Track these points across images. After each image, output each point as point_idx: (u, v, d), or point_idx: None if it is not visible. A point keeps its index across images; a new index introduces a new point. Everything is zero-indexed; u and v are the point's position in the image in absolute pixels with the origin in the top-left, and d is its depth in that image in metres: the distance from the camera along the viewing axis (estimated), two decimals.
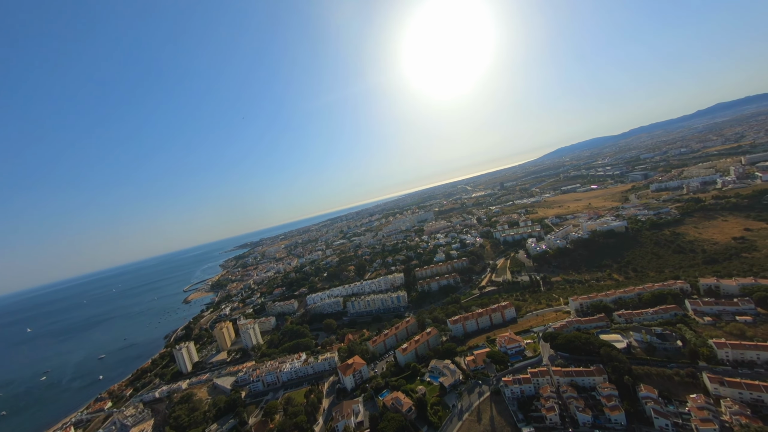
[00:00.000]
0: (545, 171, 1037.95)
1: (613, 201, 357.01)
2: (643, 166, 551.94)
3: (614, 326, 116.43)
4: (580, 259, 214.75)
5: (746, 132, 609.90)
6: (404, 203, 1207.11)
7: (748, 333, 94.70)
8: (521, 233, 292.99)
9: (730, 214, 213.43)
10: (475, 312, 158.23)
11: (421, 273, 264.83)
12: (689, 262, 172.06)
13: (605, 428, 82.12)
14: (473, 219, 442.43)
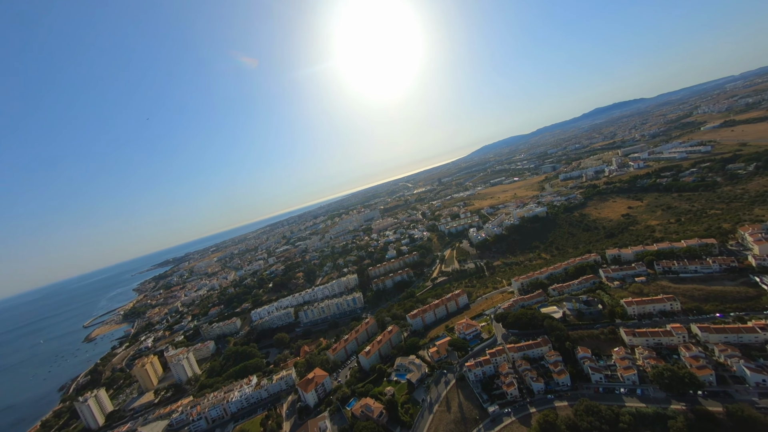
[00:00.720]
0: (475, 167, 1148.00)
1: (533, 190, 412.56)
2: (551, 160, 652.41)
3: (550, 299, 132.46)
4: (514, 243, 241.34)
5: (617, 131, 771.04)
6: (349, 203, 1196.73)
7: (644, 290, 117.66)
8: (463, 224, 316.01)
9: (617, 196, 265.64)
10: (432, 303, 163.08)
11: (375, 272, 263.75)
12: (595, 237, 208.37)
13: (555, 392, 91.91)
14: (418, 214, 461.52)
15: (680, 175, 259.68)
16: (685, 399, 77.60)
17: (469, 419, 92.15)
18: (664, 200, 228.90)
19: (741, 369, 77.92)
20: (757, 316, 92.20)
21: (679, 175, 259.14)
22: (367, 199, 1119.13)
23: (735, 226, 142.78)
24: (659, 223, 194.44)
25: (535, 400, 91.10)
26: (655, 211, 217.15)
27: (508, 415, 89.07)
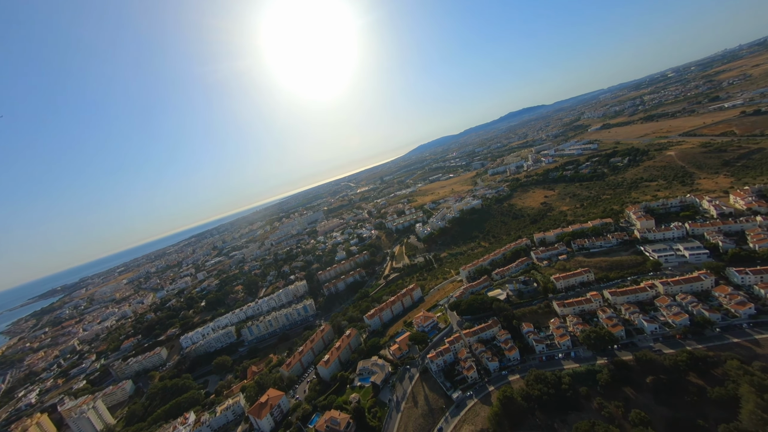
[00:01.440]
0: (413, 165, 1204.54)
1: (467, 185, 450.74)
2: (479, 158, 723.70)
3: (495, 283, 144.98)
4: (457, 235, 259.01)
5: (528, 132, 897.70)
6: (288, 206, 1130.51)
7: (567, 266, 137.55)
8: (409, 220, 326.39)
9: (535, 187, 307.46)
10: (388, 301, 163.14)
11: (325, 276, 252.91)
12: (523, 224, 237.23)
13: (508, 367, 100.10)
14: (364, 213, 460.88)
15: (579, 168, 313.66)
16: (606, 354, 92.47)
17: (436, 409, 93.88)
18: (570, 189, 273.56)
19: (641, 322, 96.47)
20: (645, 278, 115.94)
21: (578, 168, 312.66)
22: (309, 200, 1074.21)
23: (622, 207, 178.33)
24: (569, 209, 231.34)
25: (493, 378, 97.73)
26: (564, 199, 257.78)
27: (471, 397, 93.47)
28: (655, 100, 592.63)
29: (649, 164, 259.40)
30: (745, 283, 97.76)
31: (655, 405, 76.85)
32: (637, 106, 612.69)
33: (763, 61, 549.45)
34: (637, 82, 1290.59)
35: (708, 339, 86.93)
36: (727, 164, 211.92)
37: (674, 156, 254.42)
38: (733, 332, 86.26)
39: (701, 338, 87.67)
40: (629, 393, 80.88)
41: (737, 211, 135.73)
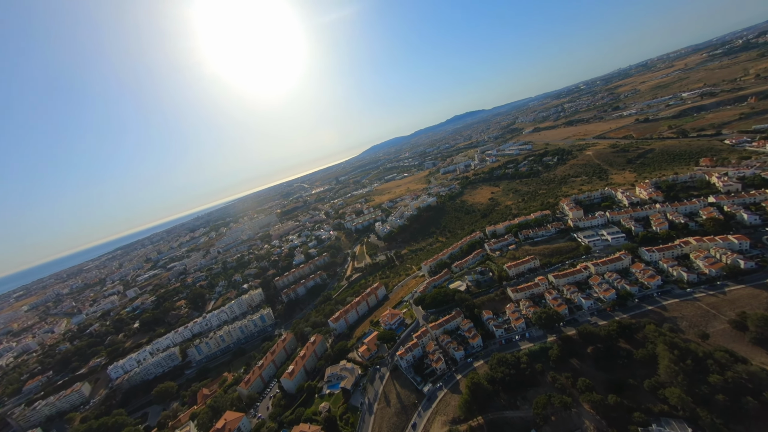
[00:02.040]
0: (368, 165, 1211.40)
1: (421, 184, 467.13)
2: (430, 158, 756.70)
3: (455, 276, 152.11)
4: (416, 231, 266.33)
5: (472, 134, 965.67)
6: (236, 210, 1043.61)
7: (516, 255, 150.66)
8: (368, 219, 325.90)
9: (483, 185, 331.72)
10: (353, 302, 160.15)
11: (283, 281, 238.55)
12: (475, 219, 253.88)
13: (473, 355, 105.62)
14: (321, 214, 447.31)
15: (518, 166, 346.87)
16: (554, 331, 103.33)
17: (409, 406, 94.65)
18: (512, 185, 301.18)
19: (579, 300, 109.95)
20: (580, 261, 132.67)
21: (517, 167, 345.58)
22: (260, 203, 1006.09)
23: (557, 200, 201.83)
24: (513, 203, 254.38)
25: (459, 367, 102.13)
26: (508, 194, 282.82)
27: (441, 388, 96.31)
28: (573, 108, 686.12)
29: (574, 162, 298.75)
30: (653, 259, 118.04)
31: (596, 371, 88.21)
32: (559, 112, 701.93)
33: (647, 78, 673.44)
34: (558, 92, 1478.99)
35: (630, 309, 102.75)
36: (630, 162, 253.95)
37: (592, 155, 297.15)
38: (648, 301, 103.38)
39: (625, 309, 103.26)
40: (575, 364, 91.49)
41: (642, 200, 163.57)
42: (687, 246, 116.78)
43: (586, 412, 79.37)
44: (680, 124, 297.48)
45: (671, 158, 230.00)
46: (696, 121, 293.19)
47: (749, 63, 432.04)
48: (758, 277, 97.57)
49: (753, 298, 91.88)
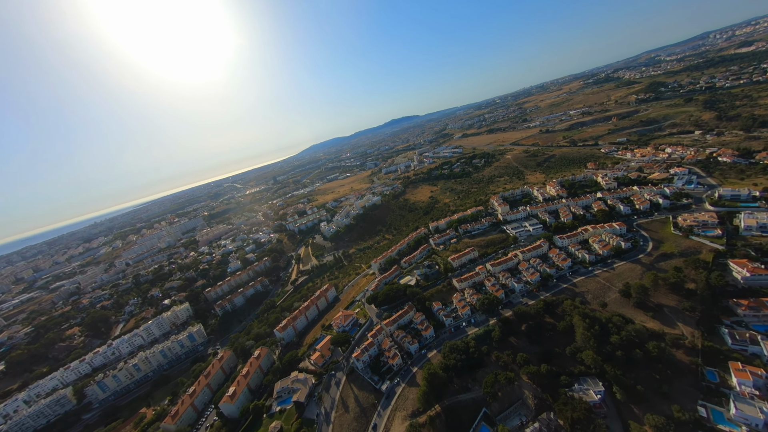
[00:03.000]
0: (308, 164, 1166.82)
1: (365, 183, 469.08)
2: (372, 158, 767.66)
3: (404, 271, 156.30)
4: (362, 230, 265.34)
5: (409, 137, 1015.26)
6: (150, 213, 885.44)
7: (458, 248, 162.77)
8: (312, 220, 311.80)
9: (423, 184, 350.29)
10: (302, 307, 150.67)
11: (216, 292, 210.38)
12: (418, 216, 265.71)
13: (426, 346, 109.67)
14: (258, 216, 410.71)
15: (452, 167, 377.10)
16: (495, 314, 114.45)
17: (368, 407, 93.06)
18: (449, 185, 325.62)
19: (512, 284, 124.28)
20: (510, 250, 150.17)
21: (452, 168, 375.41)
22: (181, 206, 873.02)
23: (487, 197, 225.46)
24: (450, 200, 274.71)
25: (415, 359, 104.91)
26: (446, 193, 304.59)
27: (398, 384, 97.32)
28: (492, 118, 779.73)
29: (497, 165, 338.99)
30: (563, 245, 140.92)
31: (530, 345, 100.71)
32: (481, 122, 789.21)
33: (545, 98, 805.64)
34: (479, 104, 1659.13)
35: (551, 288, 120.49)
36: (539, 165, 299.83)
37: (511, 159, 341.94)
38: (563, 280, 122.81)
39: (547, 288, 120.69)
40: (513, 341, 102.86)
41: (552, 196, 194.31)
42: (586, 233, 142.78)
43: (525, 383, 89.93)
44: (571, 135, 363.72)
45: (568, 162, 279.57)
46: (581, 134, 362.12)
47: (610, 92, 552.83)
48: (634, 254, 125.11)
49: (632, 271, 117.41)
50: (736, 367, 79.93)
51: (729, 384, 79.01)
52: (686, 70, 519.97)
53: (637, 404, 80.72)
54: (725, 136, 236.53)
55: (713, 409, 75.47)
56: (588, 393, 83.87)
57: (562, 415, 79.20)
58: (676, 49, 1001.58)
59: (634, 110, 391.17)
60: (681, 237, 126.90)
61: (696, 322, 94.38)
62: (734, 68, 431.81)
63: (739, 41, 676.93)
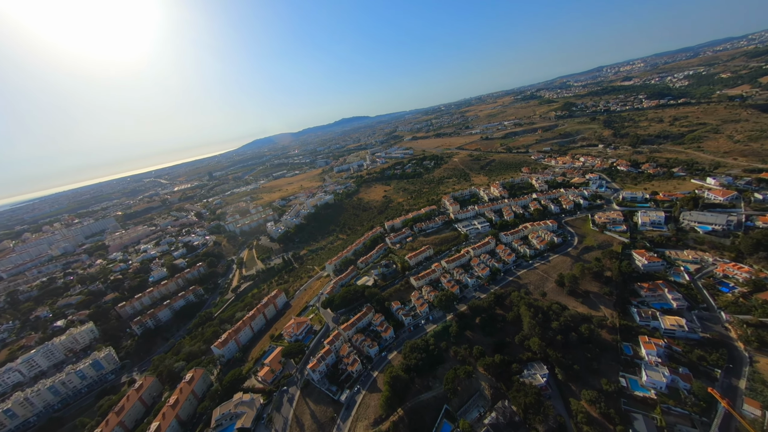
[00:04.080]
0: (251, 160, 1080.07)
1: (315, 181, 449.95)
2: (323, 156, 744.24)
3: (361, 272, 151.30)
4: (314, 230, 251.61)
5: (360, 137, 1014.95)
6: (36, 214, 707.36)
7: (414, 246, 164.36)
8: (257, 220, 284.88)
9: (376, 183, 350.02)
10: (245, 317, 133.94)
11: (132, 307, 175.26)
12: (372, 215, 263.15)
13: (387, 348, 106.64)
14: (191, 215, 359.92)
15: (405, 168, 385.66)
16: (451, 310, 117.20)
17: (326, 422, 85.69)
18: (401, 184, 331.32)
19: (466, 280, 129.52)
20: (462, 247, 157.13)
21: (404, 168, 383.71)
22: (84, 204, 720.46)
23: (439, 197, 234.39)
24: (404, 200, 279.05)
25: (375, 363, 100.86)
26: (399, 192, 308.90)
27: (359, 392, 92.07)
28: (438, 123, 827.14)
29: (446, 167, 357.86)
30: (507, 241, 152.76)
31: (484, 337, 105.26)
32: (429, 126, 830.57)
33: (483, 109, 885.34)
34: (426, 110, 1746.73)
35: (499, 281, 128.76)
36: (482, 168, 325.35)
37: (457, 161, 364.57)
38: (509, 274, 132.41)
39: (496, 282, 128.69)
40: (469, 335, 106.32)
41: (496, 196, 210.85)
42: (526, 229, 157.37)
43: (481, 374, 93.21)
44: (507, 143, 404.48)
45: (506, 166, 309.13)
46: (514, 142, 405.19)
47: (535, 107, 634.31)
48: (564, 248, 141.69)
49: (564, 263, 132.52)
50: (644, 340, 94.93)
51: (640, 355, 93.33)
52: (589, 95, 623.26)
53: (574, 382, 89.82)
54: (620, 150, 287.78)
55: (630, 379, 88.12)
56: (535, 377, 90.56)
57: (516, 401, 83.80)
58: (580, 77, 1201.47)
59: (554, 124, 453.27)
60: (598, 232, 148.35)
61: (613, 305, 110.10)
62: (621, 96, 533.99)
63: (623, 76, 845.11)
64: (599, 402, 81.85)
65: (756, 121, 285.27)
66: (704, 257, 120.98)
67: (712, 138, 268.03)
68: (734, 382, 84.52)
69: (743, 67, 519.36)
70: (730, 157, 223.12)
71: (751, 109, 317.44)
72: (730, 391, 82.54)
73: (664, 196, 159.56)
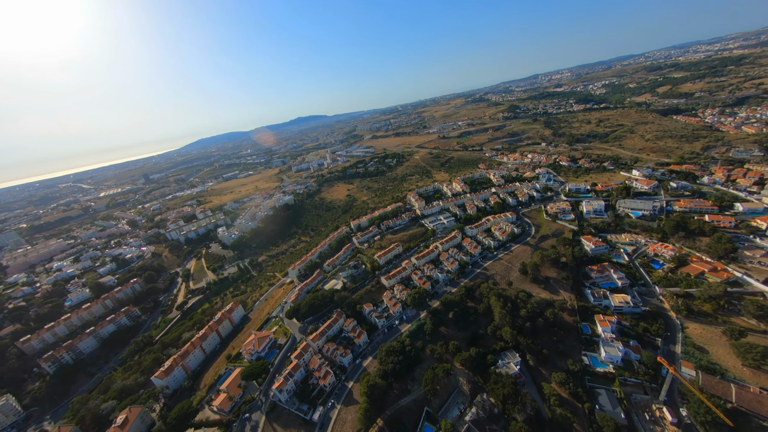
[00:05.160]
0: (196, 161, 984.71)
1: (273, 182, 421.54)
2: (279, 156, 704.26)
3: (328, 275, 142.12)
4: (274, 234, 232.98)
5: (319, 136, 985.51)
6: None
7: (383, 244, 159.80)
8: (205, 225, 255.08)
9: (338, 182, 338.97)
10: (195, 338, 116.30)
11: (41, 340, 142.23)
12: (337, 215, 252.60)
13: (361, 354, 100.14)
14: (122, 224, 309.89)
15: (367, 166, 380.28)
16: (424, 307, 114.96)
17: None
18: (365, 183, 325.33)
19: (437, 275, 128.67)
20: (431, 242, 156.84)
21: (366, 166, 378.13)
22: None
23: (404, 194, 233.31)
24: (368, 198, 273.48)
25: (349, 373, 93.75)
26: (363, 191, 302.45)
27: (334, 406, 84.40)
28: (397, 123, 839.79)
29: (408, 164, 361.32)
30: (473, 234, 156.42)
31: (458, 332, 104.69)
32: (388, 126, 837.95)
33: (438, 110, 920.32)
34: (384, 110, 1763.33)
35: (468, 274, 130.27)
36: (443, 165, 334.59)
37: (419, 159, 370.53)
38: (476, 266, 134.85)
39: (465, 275, 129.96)
40: (444, 331, 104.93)
41: (458, 192, 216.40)
42: (488, 222, 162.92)
43: (459, 370, 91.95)
44: (463, 142, 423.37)
45: (464, 163, 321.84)
46: (469, 141, 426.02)
47: (485, 109, 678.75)
48: (524, 238, 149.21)
49: (524, 252, 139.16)
50: (600, 319, 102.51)
51: (597, 333, 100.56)
52: (530, 99, 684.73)
53: (544, 366, 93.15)
54: (560, 147, 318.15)
55: (591, 356, 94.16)
56: (509, 366, 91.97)
57: (494, 393, 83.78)
58: (521, 83, 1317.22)
59: (502, 125, 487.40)
60: (551, 221, 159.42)
61: (570, 288, 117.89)
62: (555, 101, 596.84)
63: (555, 83, 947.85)
64: (568, 383, 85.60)
65: (659, 124, 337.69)
66: (638, 239, 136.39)
67: (629, 137, 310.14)
68: (672, 348, 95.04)
69: (644, 79, 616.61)
70: (644, 153, 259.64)
71: (654, 113, 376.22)
72: (669, 357, 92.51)
73: (602, 187, 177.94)
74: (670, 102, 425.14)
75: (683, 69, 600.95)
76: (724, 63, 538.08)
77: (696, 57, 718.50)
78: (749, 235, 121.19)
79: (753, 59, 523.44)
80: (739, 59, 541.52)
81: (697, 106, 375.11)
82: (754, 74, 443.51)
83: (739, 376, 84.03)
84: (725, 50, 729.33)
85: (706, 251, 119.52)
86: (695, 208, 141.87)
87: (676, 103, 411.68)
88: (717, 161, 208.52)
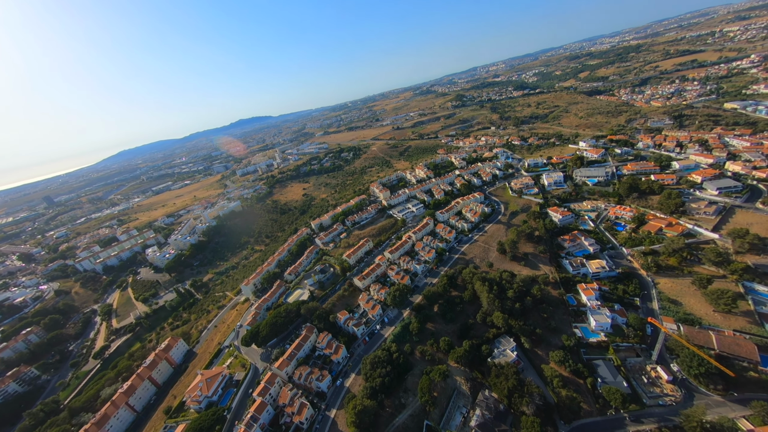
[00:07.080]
0: (118, 175, 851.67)
1: (215, 189, 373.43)
2: (220, 161, 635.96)
3: (292, 285, 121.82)
4: (220, 247, 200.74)
5: (265, 137, 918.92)
6: None
7: (351, 242, 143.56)
8: (129, 248, 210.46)
9: (292, 182, 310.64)
10: (118, 394, 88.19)
11: None
12: (294, 216, 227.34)
13: (341, 373, 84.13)
14: (11, 261, 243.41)
15: (322, 162, 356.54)
16: (406, 304, 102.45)
17: None
18: (321, 180, 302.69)
19: (415, 267, 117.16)
20: (403, 233, 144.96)
21: (321, 163, 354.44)
22: None
23: (366, 186, 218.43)
24: (327, 195, 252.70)
25: (330, 398, 77.42)
26: (320, 188, 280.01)
27: None
28: (348, 118, 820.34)
29: (366, 156, 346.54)
30: (445, 219, 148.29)
31: (446, 325, 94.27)
32: (340, 122, 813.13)
33: (388, 103, 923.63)
34: (333, 107, 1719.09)
35: (446, 262, 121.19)
36: (401, 154, 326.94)
37: (376, 150, 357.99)
38: (453, 252, 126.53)
39: (444, 263, 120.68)
40: (431, 327, 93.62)
41: (423, 178, 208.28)
42: (458, 205, 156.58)
43: (455, 368, 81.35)
44: (417, 131, 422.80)
45: (422, 151, 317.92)
46: (424, 129, 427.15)
47: (434, 100, 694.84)
48: (495, 217, 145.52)
49: (499, 231, 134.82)
50: (582, 288, 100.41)
51: (582, 302, 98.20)
52: (473, 89, 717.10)
53: (539, 346, 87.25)
54: (508, 129, 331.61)
55: (582, 327, 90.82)
56: (506, 353, 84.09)
57: (497, 388, 74.69)
58: (462, 75, 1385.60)
59: (453, 113, 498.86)
60: (517, 197, 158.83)
61: (549, 261, 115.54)
62: (496, 89, 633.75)
63: (492, 74, 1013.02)
64: (567, 360, 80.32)
65: (587, 103, 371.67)
66: (598, 204, 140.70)
67: (566, 116, 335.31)
68: (650, 305, 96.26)
69: (567, 67, 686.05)
70: (580, 128, 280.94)
71: (582, 95, 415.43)
72: (649, 314, 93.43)
73: (557, 159, 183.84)
74: (591, 85, 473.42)
75: (596, 57, 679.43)
76: (627, 51, 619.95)
77: (603, 47, 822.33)
78: (690, 189, 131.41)
79: (647, 47, 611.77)
80: (637, 48, 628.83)
81: (613, 87, 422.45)
82: (650, 59, 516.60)
83: (713, 322, 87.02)
84: (624, 41, 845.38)
85: (658, 208, 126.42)
86: (641, 170, 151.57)
87: (596, 85, 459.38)
88: (640, 131, 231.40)
